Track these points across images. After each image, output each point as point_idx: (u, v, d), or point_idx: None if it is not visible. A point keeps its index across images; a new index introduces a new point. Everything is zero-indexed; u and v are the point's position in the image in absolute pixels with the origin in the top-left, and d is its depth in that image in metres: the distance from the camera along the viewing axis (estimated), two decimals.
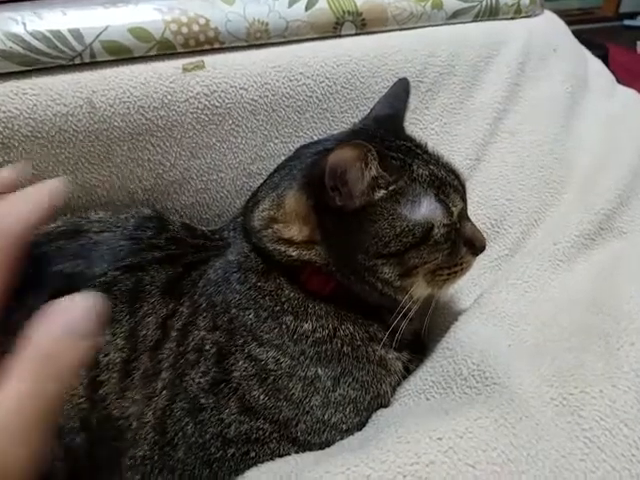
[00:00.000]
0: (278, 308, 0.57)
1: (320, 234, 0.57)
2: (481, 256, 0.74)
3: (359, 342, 0.58)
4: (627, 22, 3.32)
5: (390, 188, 0.56)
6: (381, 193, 0.55)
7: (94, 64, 0.69)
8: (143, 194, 0.73)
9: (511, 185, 0.80)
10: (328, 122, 0.78)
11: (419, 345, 0.66)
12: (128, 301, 0.56)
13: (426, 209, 0.56)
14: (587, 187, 0.79)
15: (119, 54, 0.69)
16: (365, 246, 0.55)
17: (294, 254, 0.58)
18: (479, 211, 0.79)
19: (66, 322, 0.36)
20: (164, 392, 0.54)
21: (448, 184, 0.59)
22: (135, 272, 0.58)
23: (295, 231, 0.58)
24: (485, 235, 0.71)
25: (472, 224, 0.62)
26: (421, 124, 0.83)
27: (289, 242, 0.58)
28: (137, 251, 0.60)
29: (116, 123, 0.69)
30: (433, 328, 0.69)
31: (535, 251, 0.74)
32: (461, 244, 0.60)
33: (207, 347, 0.55)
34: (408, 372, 0.63)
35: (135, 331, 0.55)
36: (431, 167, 0.59)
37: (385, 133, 0.63)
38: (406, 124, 0.80)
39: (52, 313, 0.36)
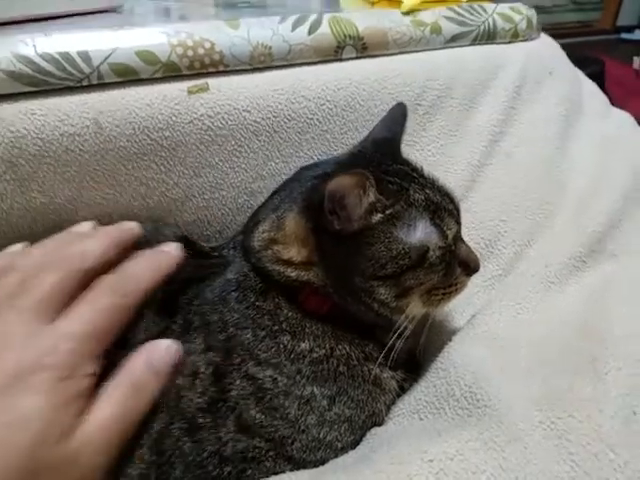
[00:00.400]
0: (276, 327, 0.59)
1: (318, 256, 0.59)
2: (475, 276, 0.76)
3: (355, 362, 0.60)
4: (624, 35, 3.36)
5: (387, 212, 0.58)
6: (378, 217, 0.57)
7: (101, 86, 0.70)
8: (146, 212, 0.75)
9: (506, 206, 0.82)
10: (328, 143, 0.80)
11: (413, 364, 0.68)
12: None
13: (422, 232, 0.58)
14: (580, 209, 0.81)
15: (126, 76, 0.71)
16: (362, 268, 0.57)
17: (293, 275, 0.59)
18: (473, 232, 0.81)
19: (149, 359, 0.51)
20: (161, 414, 0.55)
21: (443, 208, 0.61)
22: None
23: (294, 252, 0.60)
24: (479, 255, 0.73)
25: (466, 246, 0.64)
26: (418, 146, 0.85)
27: (288, 263, 0.60)
28: None
29: (122, 143, 0.71)
30: (427, 346, 0.70)
31: (528, 272, 0.76)
32: (456, 265, 0.62)
33: (202, 369, 0.56)
34: (403, 391, 0.65)
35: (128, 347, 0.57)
36: (427, 191, 0.61)
37: (382, 157, 0.65)
38: (403, 146, 0.82)
39: (142, 350, 0.52)
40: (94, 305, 0.50)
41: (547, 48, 0.98)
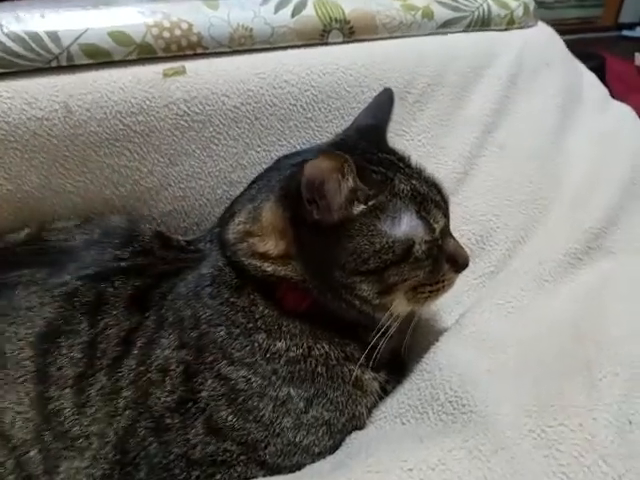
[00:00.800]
0: (251, 325, 0.55)
1: (296, 249, 0.55)
2: (465, 273, 0.72)
3: (334, 362, 0.57)
4: (626, 32, 3.31)
5: (370, 203, 0.54)
6: (360, 208, 0.54)
7: (72, 68, 0.67)
8: (119, 201, 0.71)
9: (498, 200, 0.79)
10: (312, 131, 0.76)
11: (398, 364, 0.64)
12: (89, 312, 0.55)
13: (407, 225, 0.55)
14: (576, 204, 0.78)
15: (98, 58, 0.67)
16: (342, 263, 0.54)
17: (269, 269, 0.56)
18: (464, 226, 0.77)
19: None
20: (127, 411, 0.52)
21: (430, 200, 0.57)
22: (98, 283, 0.56)
23: (271, 245, 0.56)
24: (469, 251, 0.69)
25: (455, 240, 0.61)
26: (408, 136, 0.81)
27: (264, 257, 0.56)
28: (101, 261, 0.58)
29: (92, 128, 0.67)
30: (413, 347, 0.67)
31: (521, 269, 0.72)
32: (443, 261, 0.58)
33: (173, 366, 0.53)
34: (385, 393, 0.61)
35: (94, 344, 0.53)
36: (413, 182, 0.57)
37: (367, 145, 0.61)
38: (392, 136, 0.79)
39: None
40: None
41: (545, 37, 0.94)
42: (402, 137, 0.81)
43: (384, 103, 0.69)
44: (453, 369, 0.56)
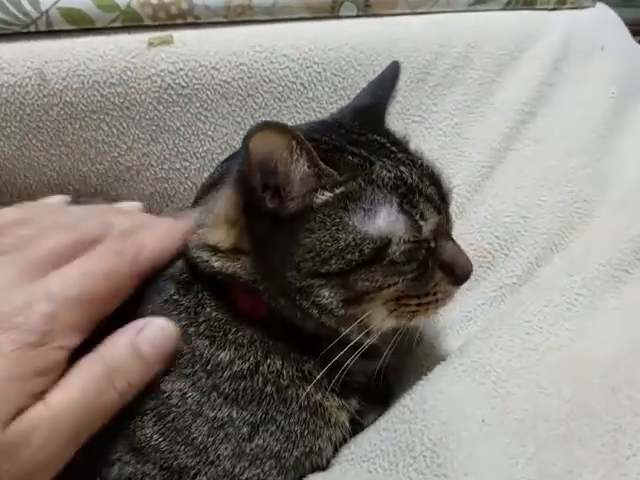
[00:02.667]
0: (192, 329, 0.47)
1: (249, 242, 0.46)
2: (483, 284, 0.61)
3: (287, 382, 0.47)
4: None
5: (337, 190, 0.44)
6: (325, 196, 0.44)
7: (50, 33, 0.62)
8: (97, 179, 0.66)
9: (529, 200, 0.67)
10: (313, 112, 0.68)
11: (380, 391, 0.54)
12: None
13: (383, 220, 0.44)
14: (623, 210, 0.65)
15: (79, 24, 0.63)
16: (297, 261, 0.44)
17: (216, 265, 0.47)
18: (486, 229, 0.66)
19: (135, 340, 0.43)
20: None
21: (419, 192, 0.46)
22: None
23: (222, 236, 0.47)
24: (489, 258, 0.59)
25: (454, 244, 0.49)
26: (427, 123, 0.71)
27: (214, 250, 0.48)
28: None
29: (68, 98, 0.62)
30: (406, 372, 0.57)
31: (548, 282, 0.60)
32: (435, 268, 0.47)
33: None
34: (357, 426, 0.51)
35: None
36: (401, 169, 0.47)
37: (355, 125, 0.52)
38: (409, 122, 0.71)
39: (130, 327, 0.43)
40: (88, 267, 0.41)
41: (602, 19, 0.82)
42: (420, 124, 0.71)
43: (387, 79, 0.59)
44: (438, 413, 0.46)
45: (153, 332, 0.43)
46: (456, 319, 0.61)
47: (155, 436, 0.44)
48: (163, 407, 0.44)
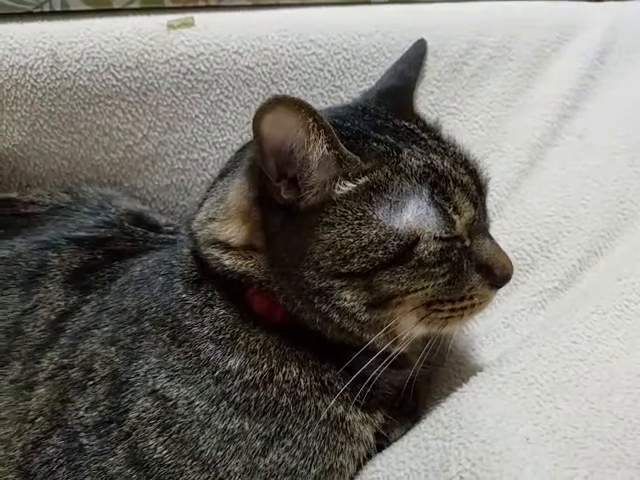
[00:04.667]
0: (196, 330, 0.43)
1: (263, 238, 0.42)
2: (521, 287, 0.56)
3: (304, 392, 0.42)
4: None
5: (360, 180, 0.40)
6: (347, 187, 0.40)
7: (65, 13, 0.59)
8: (110, 168, 0.63)
9: (571, 199, 0.62)
10: (340, 102, 0.64)
11: (406, 403, 0.49)
12: (24, 283, 0.46)
13: (412, 214, 0.40)
14: None
15: (96, 4, 0.60)
16: (316, 260, 0.40)
17: (227, 263, 0.43)
18: (525, 228, 0.62)
19: None
20: (39, 419, 0.42)
21: (452, 181, 0.42)
22: (45, 250, 0.47)
23: (233, 232, 0.43)
24: (527, 260, 0.54)
25: (492, 242, 0.44)
26: (462, 115, 0.67)
27: (226, 246, 0.43)
28: (58, 227, 0.49)
29: (81, 82, 0.59)
30: (438, 383, 0.52)
31: (594, 287, 0.56)
32: (472, 269, 0.43)
33: (97, 365, 0.42)
34: (385, 440, 0.47)
35: (19, 324, 0.44)
36: (432, 156, 0.42)
37: (381, 110, 0.48)
38: (443, 114, 0.66)
39: None
40: None
41: None
42: (455, 116, 0.67)
43: (413, 59, 0.55)
44: (477, 430, 0.41)
45: None
46: (493, 326, 0.57)
47: (159, 448, 0.40)
48: (168, 416, 0.41)
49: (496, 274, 0.43)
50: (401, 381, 0.47)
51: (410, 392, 0.48)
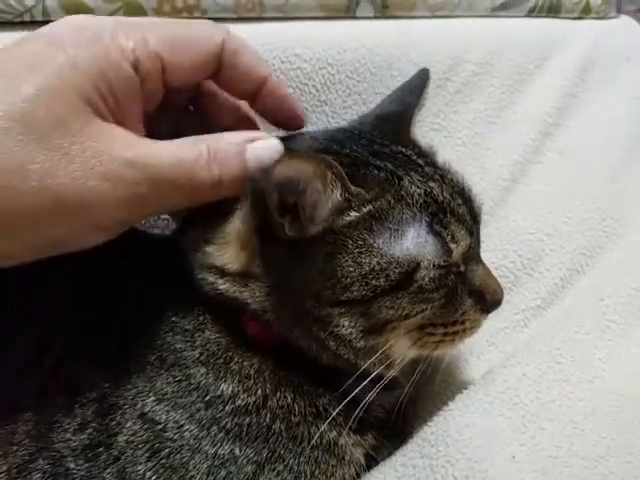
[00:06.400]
0: (188, 354, 0.42)
1: (261, 266, 0.42)
2: (504, 306, 0.56)
3: (298, 418, 0.42)
4: None
5: (364, 209, 0.40)
6: (351, 216, 0.40)
7: (46, 23, 0.57)
8: None
9: (554, 217, 0.63)
10: (326, 117, 0.64)
11: (395, 424, 0.49)
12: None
13: (412, 242, 0.40)
14: None
15: (78, 14, 0.58)
16: (317, 289, 0.40)
17: (223, 287, 0.42)
18: (508, 246, 0.62)
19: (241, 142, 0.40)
20: (26, 441, 0.40)
21: (451, 211, 0.42)
22: None
23: (230, 257, 0.42)
24: (510, 279, 0.55)
25: (484, 268, 0.45)
26: (445, 132, 0.67)
27: (221, 271, 0.43)
28: None
29: None
30: (422, 401, 0.53)
31: (577, 306, 0.56)
32: (465, 295, 0.43)
33: (85, 389, 0.41)
34: (372, 461, 0.46)
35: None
36: (431, 185, 0.43)
37: (377, 135, 0.48)
38: (427, 130, 0.66)
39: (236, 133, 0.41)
40: None
41: (626, 29, 0.79)
42: (439, 132, 0.67)
43: (416, 86, 0.55)
44: (464, 448, 0.42)
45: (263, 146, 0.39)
46: (477, 344, 0.57)
47: (148, 474, 0.39)
48: (157, 440, 0.40)
49: (487, 299, 0.44)
50: (392, 403, 0.47)
51: (400, 412, 0.48)
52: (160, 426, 0.40)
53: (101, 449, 0.40)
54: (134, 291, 0.46)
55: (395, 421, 0.48)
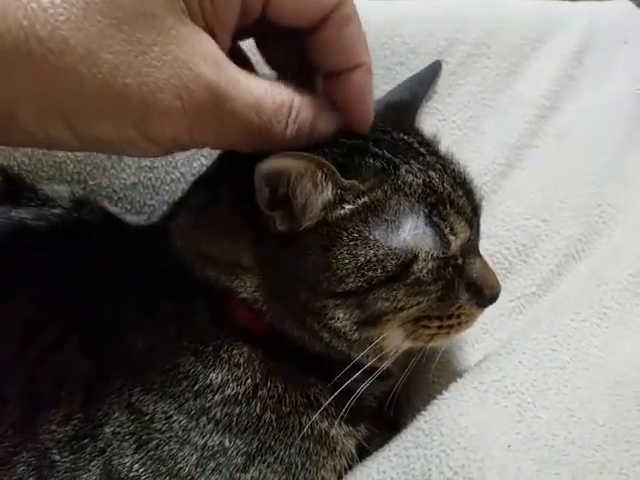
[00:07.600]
0: (176, 342, 0.41)
1: (252, 259, 0.41)
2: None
3: (289, 408, 0.42)
4: None
5: (359, 202, 0.39)
6: (345, 209, 0.39)
7: None
8: (73, 166, 0.59)
9: (550, 202, 0.62)
10: None
11: (387, 414, 0.48)
12: None
13: (409, 233, 0.39)
14: None
15: None
16: (312, 281, 0.39)
17: (211, 274, 0.42)
18: (503, 232, 0.61)
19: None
20: (10, 432, 0.40)
21: (450, 202, 0.41)
22: None
23: (220, 247, 0.42)
24: (505, 266, 0.55)
25: (482, 261, 0.45)
26: (440, 115, 0.66)
27: (212, 260, 0.42)
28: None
29: None
30: (415, 390, 0.52)
31: (573, 293, 0.55)
32: (462, 288, 0.43)
33: (73, 381, 0.41)
34: (365, 452, 0.46)
35: None
36: (431, 174, 0.42)
37: (382, 123, 0.46)
38: (422, 113, 0.64)
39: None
40: None
41: (624, 11, 0.77)
42: (433, 116, 0.66)
43: (426, 78, 0.54)
44: (459, 437, 0.42)
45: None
46: (471, 332, 0.55)
47: (135, 466, 0.38)
48: (145, 432, 0.39)
49: (485, 294, 0.43)
50: (385, 393, 0.47)
51: (392, 402, 0.47)
52: (148, 417, 0.39)
53: (87, 440, 0.39)
54: (120, 280, 0.45)
55: (387, 411, 0.48)
